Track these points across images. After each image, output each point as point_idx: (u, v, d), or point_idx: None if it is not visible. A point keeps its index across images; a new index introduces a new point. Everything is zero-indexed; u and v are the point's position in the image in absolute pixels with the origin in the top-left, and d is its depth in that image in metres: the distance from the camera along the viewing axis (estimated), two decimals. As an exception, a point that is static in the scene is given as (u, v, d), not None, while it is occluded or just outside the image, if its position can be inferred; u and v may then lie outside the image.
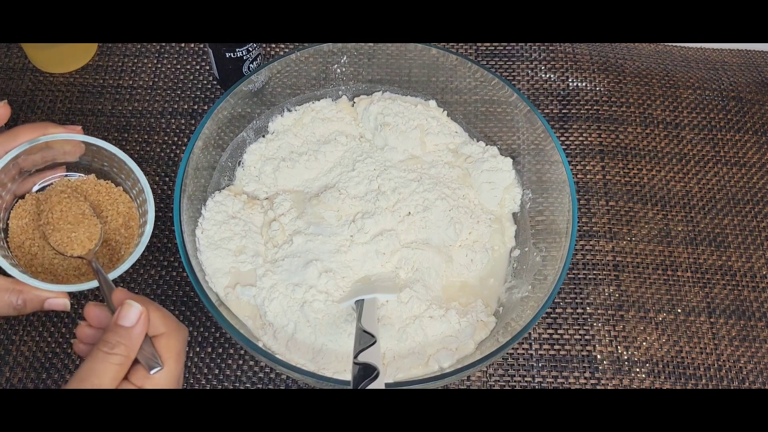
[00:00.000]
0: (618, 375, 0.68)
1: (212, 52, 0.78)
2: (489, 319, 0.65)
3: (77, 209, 0.59)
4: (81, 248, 0.58)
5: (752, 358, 0.69)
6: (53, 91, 0.83)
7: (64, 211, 0.58)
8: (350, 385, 0.53)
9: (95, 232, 0.59)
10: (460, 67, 0.74)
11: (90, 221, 0.59)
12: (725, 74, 0.87)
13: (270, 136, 0.75)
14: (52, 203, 0.58)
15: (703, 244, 0.75)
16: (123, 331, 0.46)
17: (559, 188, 0.66)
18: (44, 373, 0.67)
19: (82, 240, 0.58)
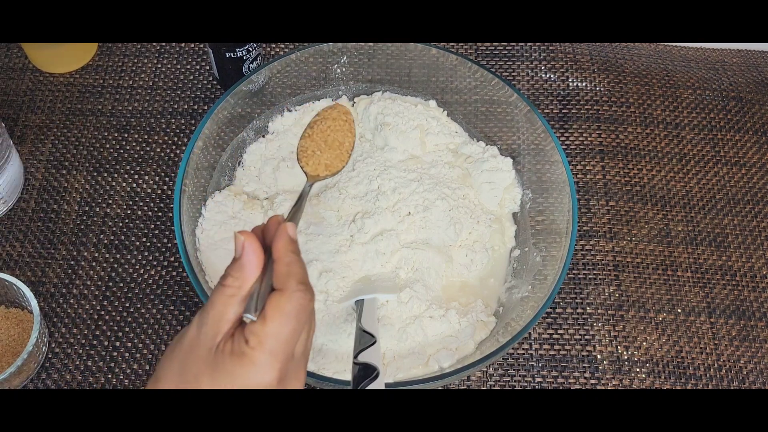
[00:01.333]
0: (618, 375, 0.68)
1: (212, 52, 0.78)
2: (489, 319, 0.65)
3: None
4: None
5: (752, 358, 0.69)
6: (53, 91, 0.83)
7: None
8: (350, 385, 0.53)
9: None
10: (460, 67, 0.74)
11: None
12: (725, 74, 0.87)
13: (270, 136, 0.75)
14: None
15: (703, 244, 0.75)
16: (234, 263, 0.43)
17: (559, 188, 0.66)
18: (43, 373, 0.67)
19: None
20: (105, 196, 0.76)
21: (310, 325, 0.43)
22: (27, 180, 0.77)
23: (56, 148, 0.79)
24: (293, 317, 0.41)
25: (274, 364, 0.40)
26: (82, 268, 0.72)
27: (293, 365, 0.42)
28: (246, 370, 0.40)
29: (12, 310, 0.68)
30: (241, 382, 0.40)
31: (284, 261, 0.42)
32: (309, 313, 0.42)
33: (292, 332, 0.41)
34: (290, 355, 0.41)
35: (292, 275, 0.42)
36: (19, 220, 0.75)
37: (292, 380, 0.42)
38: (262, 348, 0.39)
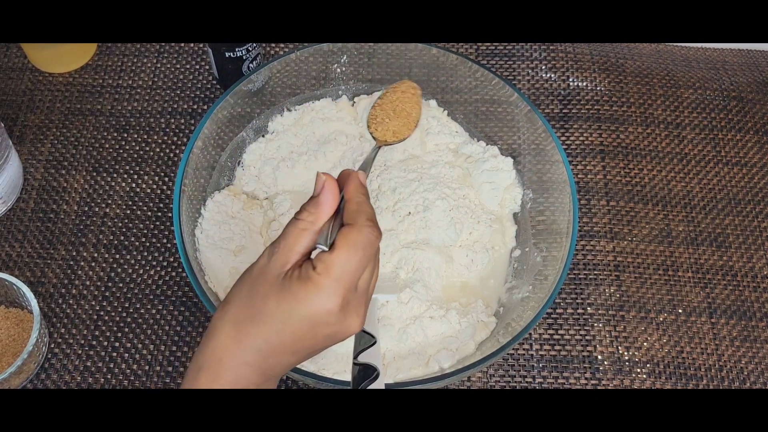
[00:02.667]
0: (618, 375, 0.68)
1: (212, 52, 0.78)
2: (489, 320, 0.65)
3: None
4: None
5: (753, 358, 0.69)
6: (53, 91, 0.83)
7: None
8: (350, 386, 0.53)
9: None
10: (461, 67, 0.73)
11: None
12: (726, 74, 0.86)
13: (270, 136, 0.75)
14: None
15: (704, 244, 0.75)
16: (312, 200, 0.45)
17: (559, 188, 0.66)
18: (43, 373, 0.67)
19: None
20: (104, 196, 0.76)
21: (374, 263, 0.45)
22: (26, 180, 0.77)
23: (55, 148, 0.79)
24: (360, 249, 0.42)
25: (338, 291, 0.42)
26: (82, 269, 0.72)
27: (355, 297, 0.43)
28: (311, 293, 0.41)
29: (12, 310, 0.68)
30: (305, 305, 0.42)
31: (355, 200, 0.45)
32: (375, 250, 0.44)
33: (359, 263, 0.42)
34: (353, 287, 0.43)
35: (362, 212, 0.44)
36: (19, 220, 0.74)
37: (352, 313, 0.43)
38: (328, 274, 0.41)
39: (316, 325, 0.42)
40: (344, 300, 0.42)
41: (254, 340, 0.43)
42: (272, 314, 0.42)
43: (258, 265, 0.44)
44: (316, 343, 0.44)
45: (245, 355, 0.43)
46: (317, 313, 0.42)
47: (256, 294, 0.43)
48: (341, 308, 0.42)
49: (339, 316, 0.42)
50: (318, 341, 0.44)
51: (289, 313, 0.42)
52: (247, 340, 0.43)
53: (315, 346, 0.44)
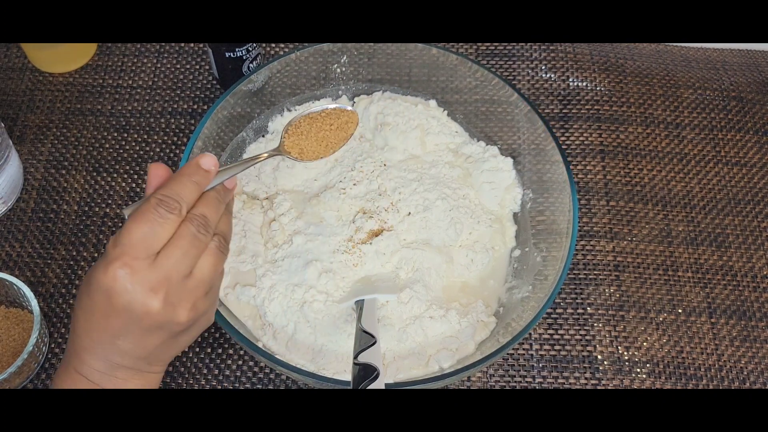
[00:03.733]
0: (618, 375, 0.68)
1: (212, 52, 0.78)
2: (489, 320, 0.65)
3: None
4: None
5: (753, 358, 0.69)
6: (53, 91, 0.83)
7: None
8: (350, 386, 0.53)
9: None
10: (461, 67, 0.73)
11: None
12: (726, 74, 0.86)
13: (270, 136, 0.75)
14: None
15: (704, 244, 0.75)
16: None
17: (559, 188, 0.66)
18: (43, 373, 0.67)
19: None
20: (104, 196, 0.76)
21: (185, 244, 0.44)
22: (26, 180, 0.77)
23: (56, 148, 0.79)
24: (143, 221, 0.43)
25: (116, 260, 0.42)
26: (82, 268, 0.72)
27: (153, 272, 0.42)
28: (99, 265, 0.42)
29: (12, 310, 0.68)
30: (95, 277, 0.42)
31: (173, 176, 0.46)
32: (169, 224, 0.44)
33: (143, 234, 0.42)
34: (144, 256, 0.42)
35: (164, 188, 0.45)
36: (19, 220, 0.75)
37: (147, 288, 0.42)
38: (113, 244, 0.43)
39: (109, 294, 0.42)
40: (127, 267, 0.42)
41: (78, 322, 0.44)
42: (81, 293, 0.44)
43: None
44: (125, 321, 0.43)
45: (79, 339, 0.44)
46: (104, 280, 0.42)
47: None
48: (126, 276, 0.42)
49: (125, 284, 0.42)
50: (124, 317, 0.43)
51: (88, 287, 0.43)
52: (76, 323, 0.44)
53: (127, 325, 0.43)
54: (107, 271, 0.42)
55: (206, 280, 0.45)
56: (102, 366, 0.45)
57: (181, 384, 0.67)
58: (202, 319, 0.47)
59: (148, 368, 0.46)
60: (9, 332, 0.66)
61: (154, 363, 0.46)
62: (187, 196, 0.45)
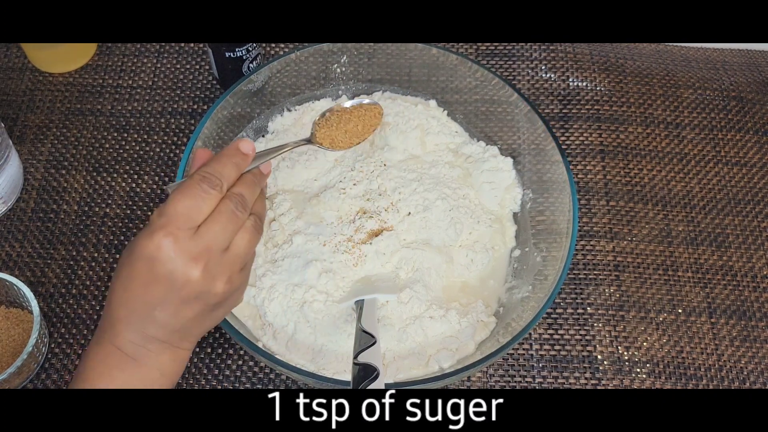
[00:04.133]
0: (618, 375, 0.68)
1: (212, 52, 0.78)
2: (489, 320, 0.65)
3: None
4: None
5: (753, 358, 0.69)
6: (53, 91, 0.83)
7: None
8: (350, 386, 0.53)
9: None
10: (461, 67, 0.73)
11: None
12: (726, 74, 0.86)
13: (270, 136, 0.75)
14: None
15: (704, 244, 0.75)
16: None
17: (559, 188, 0.66)
18: (43, 373, 0.67)
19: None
20: (104, 196, 0.76)
21: (225, 220, 0.46)
22: (26, 180, 0.77)
23: (55, 148, 0.79)
24: (187, 194, 0.45)
25: (164, 226, 0.44)
26: (82, 269, 0.72)
27: (197, 243, 0.44)
28: (143, 234, 0.44)
29: (12, 310, 0.68)
30: (139, 245, 0.44)
31: (215, 157, 0.48)
32: (211, 199, 0.46)
33: (189, 206, 0.44)
34: (187, 228, 0.44)
35: (206, 166, 0.47)
36: (19, 220, 0.75)
37: (191, 260, 0.44)
38: (158, 214, 0.45)
39: (152, 262, 0.44)
40: (171, 236, 0.43)
41: (117, 292, 0.45)
42: (123, 263, 0.45)
43: None
44: (165, 290, 0.44)
45: (115, 311, 0.45)
46: (147, 249, 0.44)
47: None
48: (170, 245, 0.43)
49: (169, 253, 0.43)
50: (164, 286, 0.44)
51: (130, 255, 0.44)
52: (113, 294, 0.46)
53: (167, 294, 0.44)
54: (152, 239, 0.43)
55: (242, 255, 0.47)
56: (136, 337, 0.46)
57: (181, 384, 0.67)
58: (234, 295, 0.49)
59: (179, 343, 0.47)
60: (9, 332, 0.66)
61: (185, 337, 0.48)
62: (227, 175, 0.47)
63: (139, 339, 0.46)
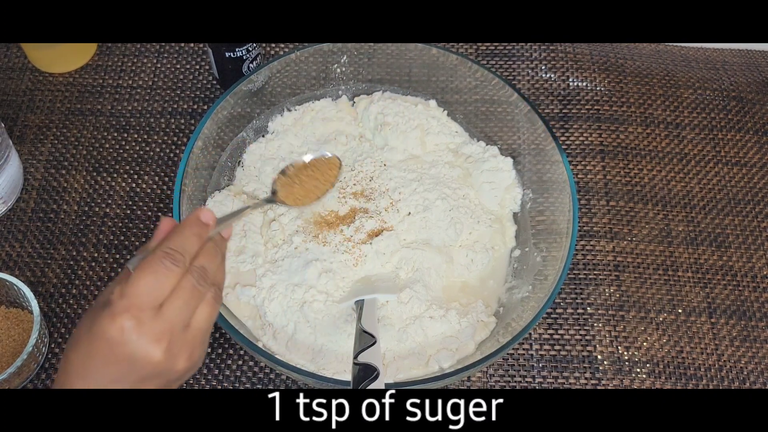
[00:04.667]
0: (618, 375, 0.68)
1: (212, 52, 0.78)
2: (489, 320, 0.65)
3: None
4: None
5: (753, 358, 0.69)
6: (53, 91, 0.83)
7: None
8: (350, 386, 0.53)
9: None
10: (461, 67, 0.73)
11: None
12: (726, 74, 0.86)
13: (270, 136, 0.75)
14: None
15: (704, 244, 0.75)
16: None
17: (559, 188, 0.66)
18: (43, 373, 0.67)
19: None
20: (104, 196, 0.76)
21: (187, 296, 0.45)
22: (26, 180, 0.77)
23: (55, 148, 0.79)
24: (151, 272, 0.44)
25: (127, 307, 0.43)
26: (82, 269, 0.72)
27: (158, 323, 0.44)
28: (105, 314, 0.43)
29: (12, 310, 0.68)
30: (100, 326, 0.43)
31: (176, 229, 0.47)
32: (174, 276, 0.45)
33: (152, 286, 0.44)
34: (149, 308, 0.43)
35: (168, 240, 0.46)
36: (19, 220, 0.75)
37: (152, 339, 0.43)
38: (120, 295, 0.43)
39: (112, 344, 0.43)
40: (134, 319, 0.43)
41: (74, 365, 0.45)
42: (81, 338, 0.45)
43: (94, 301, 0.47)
44: (125, 370, 0.44)
45: (73, 381, 0.44)
46: (109, 331, 0.43)
47: (80, 321, 0.46)
48: (133, 328, 0.43)
49: (131, 336, 0.43)
50: (125, 367, 0.44)
51: (90, 334, 0.44)
52: (70, 366, 0.44)
53: (126, 374, 0.44)
54: (114, 322, 0.43)
55: (203, 330, 0.47)
56: None
57: (181, 384, 0.67)
58: (194, 368, 0.48)
59: None
60: (9, 332, 0.66)
61: None
62: (189, 249, 0.46)
63: None
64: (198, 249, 0.47)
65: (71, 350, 0.45)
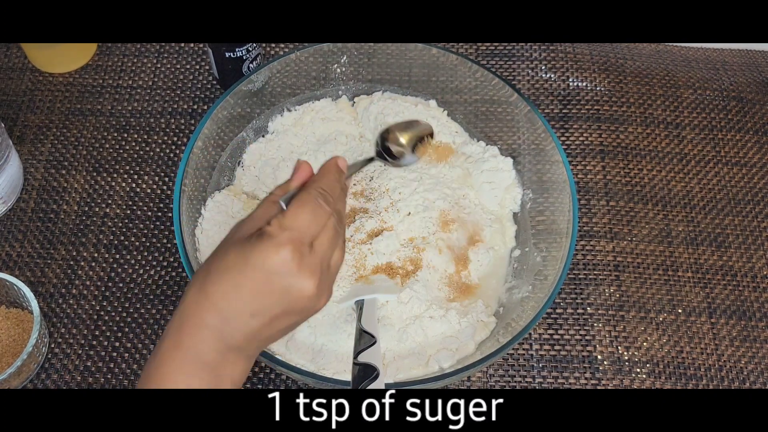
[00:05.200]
0: (618, 375, 0.68)
1: (212, 52, 0.78)
2: (489, 320, 0.65)
3: None
4: None
5: (753, 358, 0.69)
6: (53, 91, 0.83)
7: None
8: (350, 386, 0.53)
9: None
10: (461, 67, 0.73)
11: None
12: (726, 74, 0.86)
13: (270, 136, 0.75)
14: None
15: (704, 245, 0.75)
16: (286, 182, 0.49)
17: (559, 188, 0.66)
18: (43, 373, 0.67)
19: None
20: (104, 196, 0.76)
21: (334, 235, 0.46)
22: (26, 180, 0.77)
23: (55, 148, 0.79)
24: (309, 207, 0.45)
25: (288, 241, 0.43)
26: (82, 269, 0.72)
27: (311, 258, 0.44)
28: (264, 242, 0.43)
29: (12, 310, 0.68)
30: (258, 253, 0.43)
31: (321, 172, 0.49)
32: (327, 216, 0.46)
33: (309, 220, 0.44)
34: (306, 242, 0.44)
35: (318, 181, 0.48)
36: (19, 220, 0.75)
37: (307, 272, 0.44)
38: (279, 225, 0.44)
39: (271, 274, 0.43)
40: (297, 252, 0.43)
41: (213, 297, 0.43)
42: (229, 268, 0.44)
43: (228, 235, 0.46)
44: (274, 301, 0.44)
45: (205, 315, 0.43)
46: (270, 261, 0.43)
47: (219, 254, 0.45)
48: (295, 260, 0.43)
49: (292, 268, 0.43)
50: (276, 298, 0.44)
51: (245, 264, 0.43)
52: (207, 299, 0.44)
53: (273, 306, 0.44)
54: (278, 253, 0.43)
55: (336, 271, 0.48)
56: (220, 346, 0.44)
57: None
58: (326, 305, 0.49)
59: (254, 351, 0.47)
60: (9, 332, 0.66)
61: (262, 346, 0.47)
62: (335, 192, 0.48)
63: (223, 347, 0.44)
64: (338, 194, 0.49)
65: (211, 283, 0.44)
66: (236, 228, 0.46)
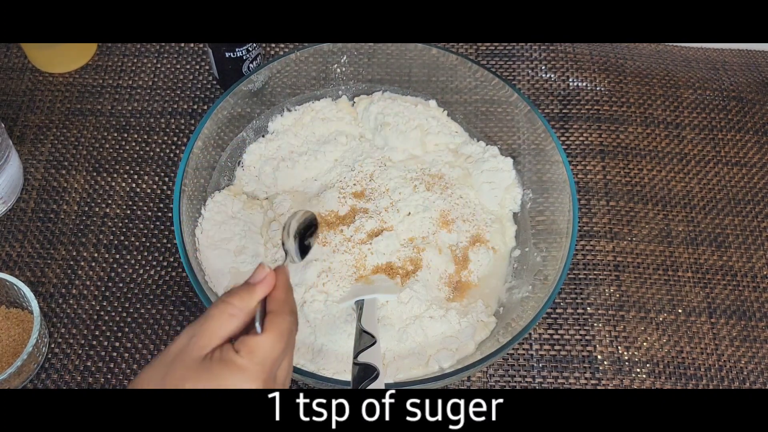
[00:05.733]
0: (618, 375, 0.68)
1: (212, 52, 0.78)
2: (489, 320, 0.65)
3: None
4: None
5: (753, 358, 0.69)
6: (53, 91, 0.83)
7: None
8: (350, 386, 0.53)
9: None
10: (460, 67, 0.73)
11: None
12: (726, 74, 0.86)
13: (270, 136, 0.75)
14: None
15: (704, 245, 0.75)
16: (246, 286, 0.45)
17: (559, 188, 0.66)
18: (43, 373, 0.67)
19: None
20: (104, 196, 0.76)
21: (291, 355, 0.46)
22: (26, 180, 0.77)
23: (56, 148, 0.79)
24: (284, 337, 0.43)
25: (260, 375, 0.42)
26: (82, 269, 0.72)
27: (272, 385, 0.43)
28: (234, 375, 0.41)
29: (12, 310, 0.68)
30: (226, 383, 0.41)
31: (282, 290, 0.46)
32: (293, 342, 0.45)
33: (281, 351, 0.43)
34: (274, 375, 0.43)
35: (288, 303, 0.45)
36: (19, 220, 0.75)
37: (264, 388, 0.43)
38: (251, 357, 0.41)
39: (222, 384, 0.41)
40: (265, 385, 0.42)
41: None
42: (182, 378, 0.41)
43: (175, 347, 0.43)
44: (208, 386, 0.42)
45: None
46: (234, 383, 0.41)
47: (172, 377, 0.42)
48: (257, 386, 0.42)
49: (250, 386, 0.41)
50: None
51: (208, 382, 0.41)
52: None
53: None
54: (248, 385, 0.41)
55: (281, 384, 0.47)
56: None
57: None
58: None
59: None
60: (9, 332, 0.66)
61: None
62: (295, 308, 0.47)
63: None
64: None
65: (163, 382, 0.42)
66: (186, 339, 0.42)
